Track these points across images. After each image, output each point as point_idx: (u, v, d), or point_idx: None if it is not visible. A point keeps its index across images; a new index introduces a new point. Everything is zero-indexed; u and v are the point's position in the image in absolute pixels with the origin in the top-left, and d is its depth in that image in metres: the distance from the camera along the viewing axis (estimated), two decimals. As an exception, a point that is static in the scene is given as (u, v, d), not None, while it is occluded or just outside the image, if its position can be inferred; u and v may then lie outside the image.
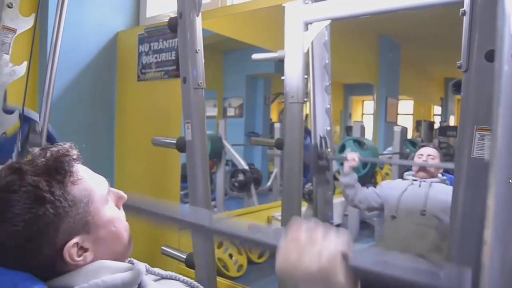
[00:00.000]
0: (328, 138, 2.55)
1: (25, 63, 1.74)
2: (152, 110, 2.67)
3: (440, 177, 2.41)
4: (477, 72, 1.21)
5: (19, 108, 1.75)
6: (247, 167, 4.08)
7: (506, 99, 0.70)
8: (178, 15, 1.83)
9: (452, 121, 6.21)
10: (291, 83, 2.01)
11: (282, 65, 2.03)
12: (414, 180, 2.41)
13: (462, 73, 1.25)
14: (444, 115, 6.63)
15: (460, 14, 1.26)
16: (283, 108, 2.09)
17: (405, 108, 6.58)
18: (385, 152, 4.22)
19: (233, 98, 5.92)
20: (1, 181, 0.68)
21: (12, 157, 1.73)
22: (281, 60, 2.03)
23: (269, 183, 4.91)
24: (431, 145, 2.67)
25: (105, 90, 2.83)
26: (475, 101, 1.23)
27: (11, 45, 1.67)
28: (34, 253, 0.67)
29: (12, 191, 0.67)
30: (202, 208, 1.83)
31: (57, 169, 0.70)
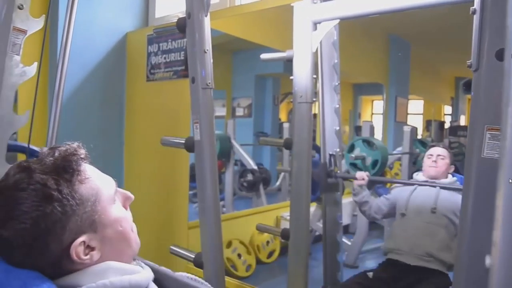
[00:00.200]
0: (338, 139, 2.54)
1: (35, 63, 1.75)
2: (161, 110, 2.68)
3: (450, 178, 2.39)
4: (487, 71, 1.20)
5: (25, 144, 1.78)
6: (256, 167, 4.08)
7: (516, 98, 0.69)
8: (187, 16, 1.83)
9: (462, 120, 6.15)
10: (299, 83, 2.00)
11: (290, 65, 2.02)
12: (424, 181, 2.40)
13: (472, 72, 1.24)
14: (455, 115, 6.57)
15: (470, 12, 1.24)
16: (292, 108, 2.09)
17: (415, 107, 6.53)
18: (394, 152, 4.19)
19: (242, 98, 5.92)
20: (9, 179, 0.69)
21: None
22: (289, 60, 2.02)
23: (278, 183, 4.90)
24: (441, 145, 2.64)
25: (114, 90, 2.85)
26: (485, 100, 1.21)
27: (21, 46, 1.68)
28: (41, 251, 0.68)
29: (20, 189, 0.67)
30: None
31: (65, 168, 0.71)
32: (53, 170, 0.70)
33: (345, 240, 3.26)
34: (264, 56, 2.19)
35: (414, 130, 3.93)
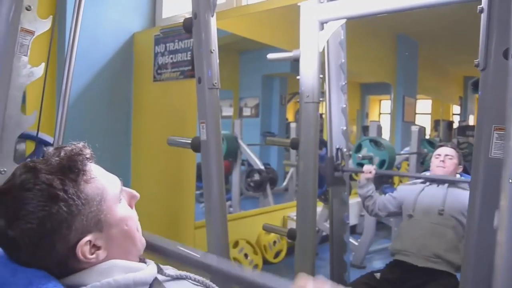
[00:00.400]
0: (345, 138, 2.53)
1: (43, 64, 1.76)
2: (168, 110, 2.69)
3: (458, 177, 2.37)
4: (495, 70, 1.19)
5: (34, 132, 1.78)
6: (262, 167, 4.08)
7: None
8: (193, 16, 1.84)
9: (471, 120, 6.11)
10: (306, 82, 2.00)
11: (297, 65, 2.02)
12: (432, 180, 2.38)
13: (479, 71, 1.23)
14: (463, 115, 6.53)
15: (478, 11, 1.23)
16: (299, 108, 2.10)
17: (423, 107, 6.50)
18: (402, 152, 4.17)
19: (249, 98, 5.93)
20: (16, 180, 0.69)
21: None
22: (296, 60, 2.02)
23: (284, 183, 4.90)
24: (449, 144, 2.62)
25: (121, 90, 2.86)
26: (493, 100, 1.20)
27: (29, 47, 1.69)
28: (48, 250, 0.68)
29: (26, 189, 0.68)
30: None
31: (70, 168, 0.71)
32: (59, 170, 0.70)
33: (352, 240, 3.25)
34: (271, 56, 2.19)
35: (422, 130, 3.91)
